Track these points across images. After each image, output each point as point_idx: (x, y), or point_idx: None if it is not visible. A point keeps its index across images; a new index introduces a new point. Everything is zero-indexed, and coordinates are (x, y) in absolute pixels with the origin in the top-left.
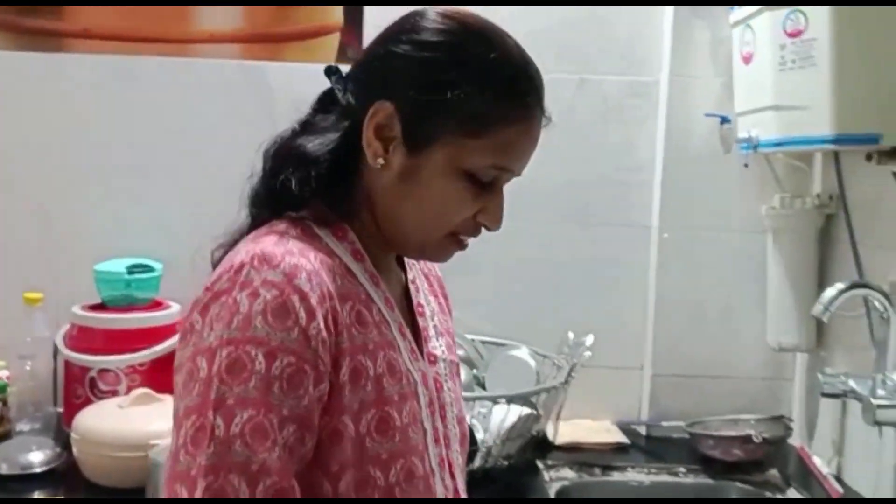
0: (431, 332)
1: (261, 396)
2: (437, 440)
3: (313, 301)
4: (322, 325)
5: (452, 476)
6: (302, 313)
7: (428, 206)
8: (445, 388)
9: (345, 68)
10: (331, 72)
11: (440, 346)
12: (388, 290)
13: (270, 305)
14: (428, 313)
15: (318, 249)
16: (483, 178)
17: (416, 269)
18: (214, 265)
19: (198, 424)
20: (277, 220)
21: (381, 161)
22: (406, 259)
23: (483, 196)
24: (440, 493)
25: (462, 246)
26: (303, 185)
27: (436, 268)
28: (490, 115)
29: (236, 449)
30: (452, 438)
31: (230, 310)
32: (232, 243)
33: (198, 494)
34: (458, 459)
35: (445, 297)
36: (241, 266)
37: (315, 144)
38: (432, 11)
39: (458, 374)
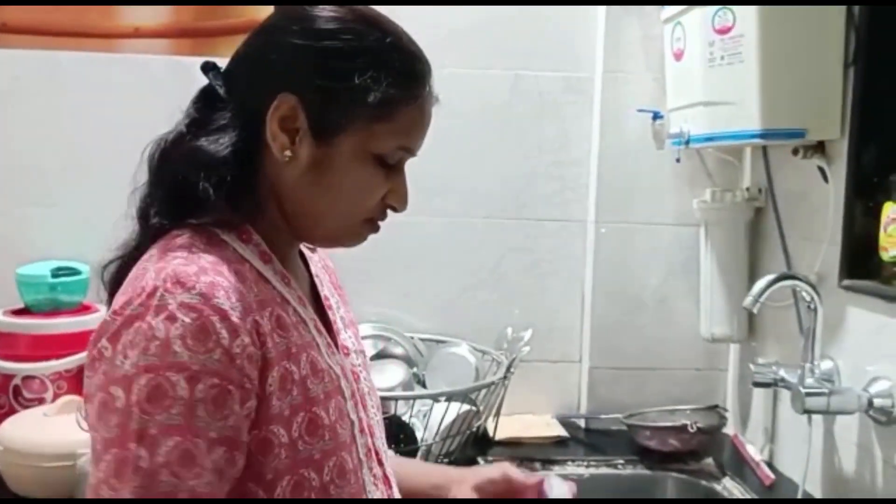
0: (339, 324)
1: (185, 422)
2: (361, 430)
3: (234, 318)
4: (248, 340)
5: (380, 463)
6: (224, 333)
7: (342, 194)
8: (362, 378)
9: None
10: (208, 67)
11: (350, 337)
12: (297, 287)
13: (189, 329)
14: (334, 305)
15: (227, 259)
16: (390, 160)
17: (316, 263)
18: (108, 282)
19: (120, 458)
20: (177, 228)
21: (288, 154)
22: (306, 254)
23: (390, 178)
24: (369, 483)
25: (376, 229)
26: (218, 189)
27: (329, 260)
28: (395, 99)
29: (163, 479)
30: (376, 427)
31: (146, 335)
32: (127, 257)
33: None
34: (384, 447)
35: (340, 288)
36: (154, 289)
37: (217, 145)
38: (318, 4)
39: (367, 364)
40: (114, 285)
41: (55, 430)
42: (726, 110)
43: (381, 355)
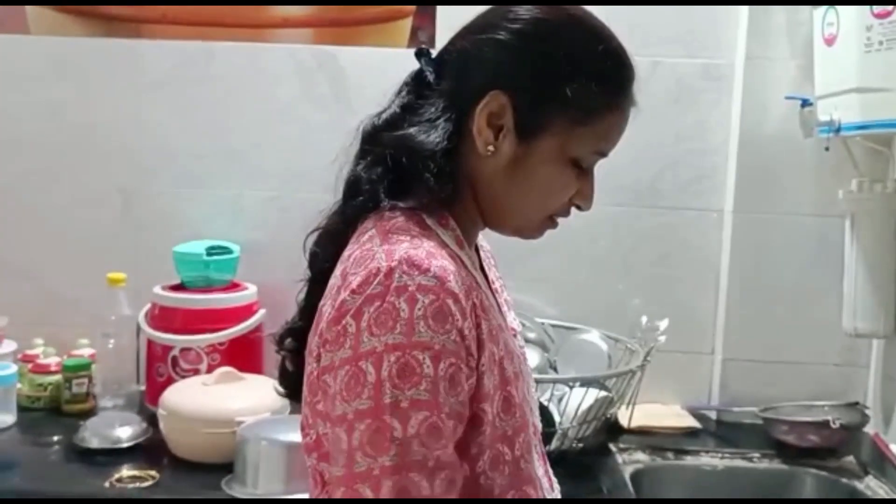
0: (504, 306)
1: (432, 398)
2: (531, 409)
3: (463, 301)
4: (472, 322)
5: (539, 441)
6: (457, 315)
7: (534, 192)
8: (525, 359)
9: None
10: (420, 54)
11: (514, 319)
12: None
13: (429, 310)
14: (499, 289)
15: (439, 244)
16: (585, 163)
17: (483, 249)
18: (310, 252)
19: (374, 427)
20: (388, 212)
21: (490, 149)
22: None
23: (580, 179)
24: (538, 459)
25: (555, 225)
26: (434, 177)
27: (486, 242)
28: (600, 106)
29: (414, 448)
30: (535, 407)
31: (391, 315)
32: (335, 231)
33: (384, 493)
34: (540, 425)
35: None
36: (391, 270)
37: (432, 136)
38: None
39: None
40: (318, 255)
41: (215, 398)
42: (883, 97)
43: None
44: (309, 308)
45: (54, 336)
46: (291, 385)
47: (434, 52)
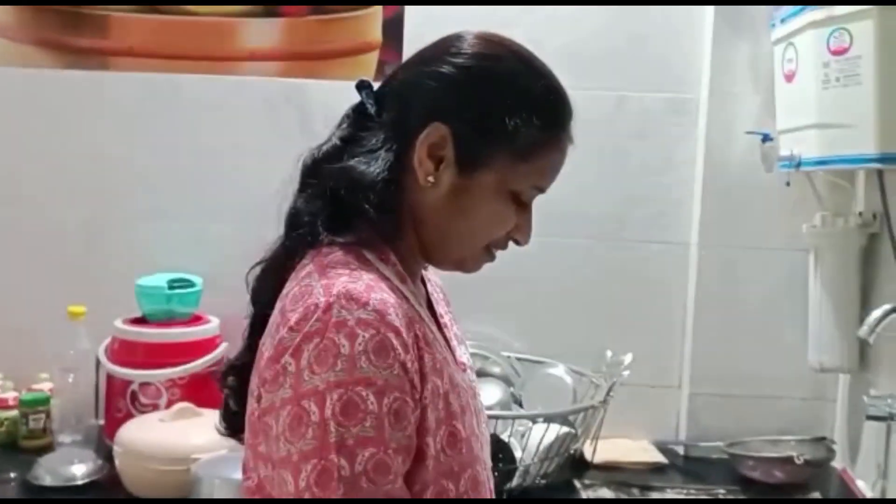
0: (454, 341)
1: (377, 434)
2: (481, 445)
3: (404, 334)
4: (414, 355)
5: (487, 478)
6: (399, 349)
7: (474, 224)
8: (477, 393)
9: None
10: (362, 86)
11: (464, 353)
12: (424, 305)
13: (370, 344)
14: (448, 323)
15: (379, 277)
16: (524, 197)
17: (430, 282)
18: (252, 285)
19: (320, 467)
20: (326, 245)
21: (430, 180)
22: (422, 272)
23: (519, 213)
24: (488, 495)
25: (493, 258)
26: (375, 209)
27: (437, 277)
28: (539, 141)
29: (363, 486)
30: (485, 442)
31: (331, 352)
32: (273, 266)
33: None
34: (489, 461)
35: (448, 304)
36: (329, 306)
37: (373, 167)
38: (471, 35)
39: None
40: (258, 290)
41: (171, 434)
42: (841, 133)
43: (479, 374)
44: (251, 345)
45: (14, 370)
46: (234, 424)
47: (376, 85)
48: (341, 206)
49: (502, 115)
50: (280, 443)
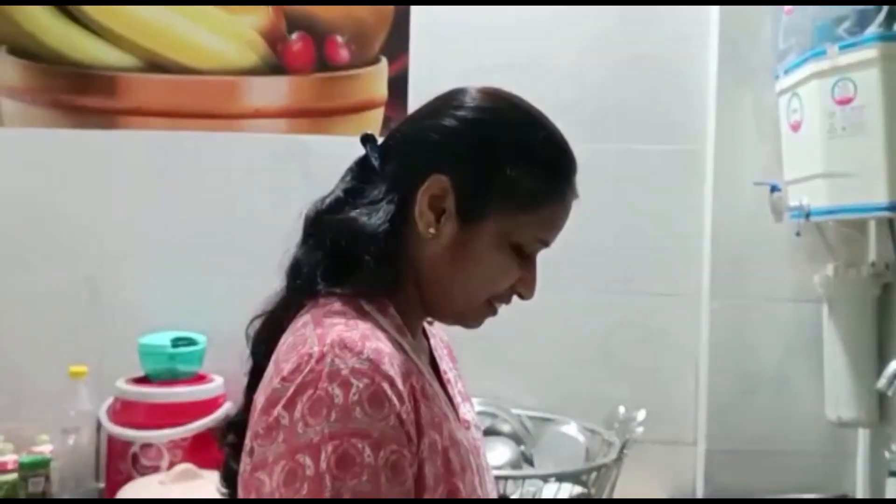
0: (458, 398)
1: (373, 487)
2: None
3: (400, 385)
4: (410, 406)
5: None
6: (394, 399)
7: (475, 276)
8: (481, 451)
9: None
10: (366, 139)
11: (469, 410)
12: (425, 360)
13: (365, 394)
14: (452, 379)
15: (376, 327)
16: (527, 250)
17: (434, 336)
18: (252, 338)
19: None
20: (324, 297)
21: (432, 231)
22: (426, 327)
23: (523, 267)
24: None
25: (495, 312)
26: (375, 261)
27: (444, 333)
28: (541, 193)
29: None
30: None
31: (324, 402)
32: (273, 317)
33: None
34: None
35: (454, 360)
36: (322, 355)
37: (374, 218)
38: (474, 90)
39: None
40: (258, 341)
41: (172, 497)
42: (850, 182)
43: (488, 432)
44: (251, 400)
45: (14, 431)
46: (235, 483)
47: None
48: (342, 257)
49: (502, 166)
50: (275, 498)
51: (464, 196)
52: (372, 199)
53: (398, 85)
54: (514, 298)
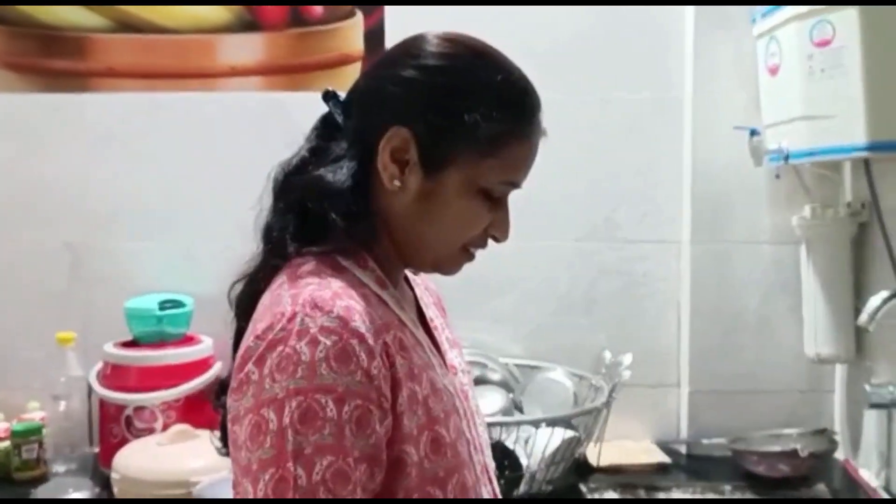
0: (445, 344)
1: (336, 442)
2: (475, 448)
3: (370, 340)
4: (381, 362)
5: (490, 480)
6: (363, 355)
7: (446, 224)
8: (470, 396)
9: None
10: (328, 96)
11: (456, 356)
12: (409, 309)
13: (332, 351)
14: (439, 326)
15: (353, 284)
16: (496, 194)
17: (419, 286)
18: (234, 301)
19: (277, 476)
20: (300, 256)
21: (397, 183)
22: (410, 277)
23: (493, 210)
24: (484, 497)
25: (472, 258)
26: (343, 218)
27: (431, 281)
28: (503, 135)
29: (320, 496)
30: (485, 445)
31: (292, 359)
32: (252, 280)
33: None
34: (492, 465)
35: (444, 310)
36: (294, 314)
37: (338, 175)
38: (432, 36)
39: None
40: (239, 305)
41: (169, 458)
42: (828, 124)
43: (478, 381)
44: None
45: (4, 400)
46: None
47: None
48: (313, 216)
49: (460, 112)
50: (242, 452)
51: (425, 146)
52: (336, 157)
53: (374, 38)
54: (492, 244)
